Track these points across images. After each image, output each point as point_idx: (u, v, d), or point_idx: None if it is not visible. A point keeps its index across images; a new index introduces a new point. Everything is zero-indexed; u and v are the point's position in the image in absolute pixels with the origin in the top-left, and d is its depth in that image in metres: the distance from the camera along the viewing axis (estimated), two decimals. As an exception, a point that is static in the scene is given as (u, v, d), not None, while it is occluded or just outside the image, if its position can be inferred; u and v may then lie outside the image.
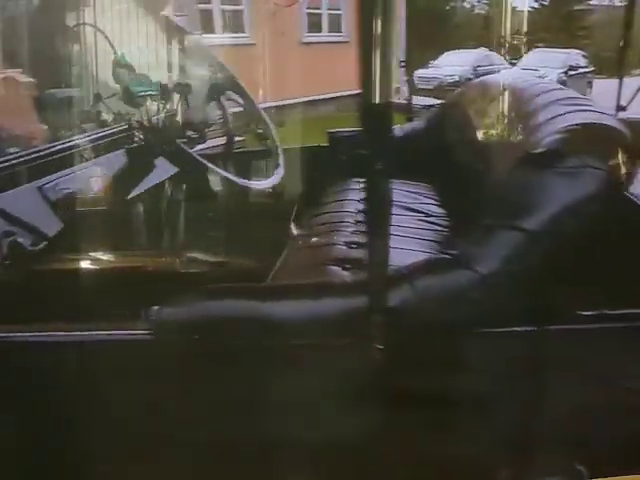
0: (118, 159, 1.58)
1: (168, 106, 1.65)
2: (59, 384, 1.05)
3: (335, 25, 9.60)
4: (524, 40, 11.92)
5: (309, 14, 9.23)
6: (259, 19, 7.51)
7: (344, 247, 1.56)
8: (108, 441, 1.07)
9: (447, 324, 1.02)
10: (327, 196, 2.03)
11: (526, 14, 13.03)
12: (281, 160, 1.83)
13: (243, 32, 7.85)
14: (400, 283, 1.01)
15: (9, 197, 1.28)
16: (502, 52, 10.99)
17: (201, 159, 1.52)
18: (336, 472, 1.08)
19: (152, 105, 1.63)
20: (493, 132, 1.67)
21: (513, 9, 11.70)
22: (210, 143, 1.78)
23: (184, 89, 1.65)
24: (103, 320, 1.07)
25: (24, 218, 1.27)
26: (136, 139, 1.61)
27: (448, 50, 11.62)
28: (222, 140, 1.84)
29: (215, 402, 1.06)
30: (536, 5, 15.66)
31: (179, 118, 1.57)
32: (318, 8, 9.45)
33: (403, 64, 3.94)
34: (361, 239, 1.54)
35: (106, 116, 1.65)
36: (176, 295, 1.06)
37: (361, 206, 1.80)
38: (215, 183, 1.68)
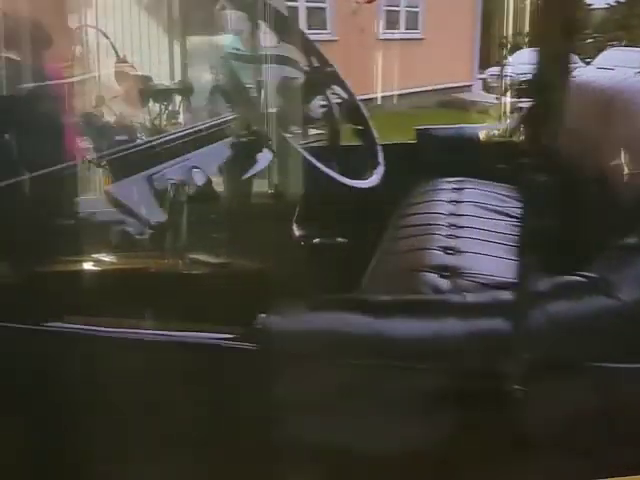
0: (222, 151, 1.56)
1: (275, 100, 1.62)
2: (162, 386, 0.95)
3: (412, 22, 9.55)
4: (598, 38, 11.54)
5: (387, 11, 9.21)
6: (340, 16, 7.58)
7: (440, 252, 1.44)
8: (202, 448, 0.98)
9: (584, 359, 0.89)
10: (414, 197, 1.91)
11: (601, 12, 12.59)
12: (380, 158, 1.77)
13: (325, 29, 7.94)
14: (531, 308, 0.85)
15: (123, 185, 1.27)
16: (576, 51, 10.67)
17: (307, 154, 1.48)
18: None
19: (257, 98, 1.61)
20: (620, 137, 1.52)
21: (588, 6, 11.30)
22: (313, 138, 1.75)
23: (291, 82, 1.62)
24: (204, 320, 0.99)
25: (135, 207, 1.25)
26: (243, 132, 1.59)
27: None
28: (326, 136, 1.80)
29: (315, 420, 0.96)
30: (611, 2, 15.02)
31: (290, 112, 1.53)
32: (396, 5, 9.42)
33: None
34: (458, 244, 1.45)
35: (213, 108, 1.64)
36: (286, 303, 0.96)
37: (454, 208, 1.71)
38: (316, 180, 1.64)
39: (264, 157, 1.54)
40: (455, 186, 1.90)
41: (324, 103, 1.71)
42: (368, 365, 0.89)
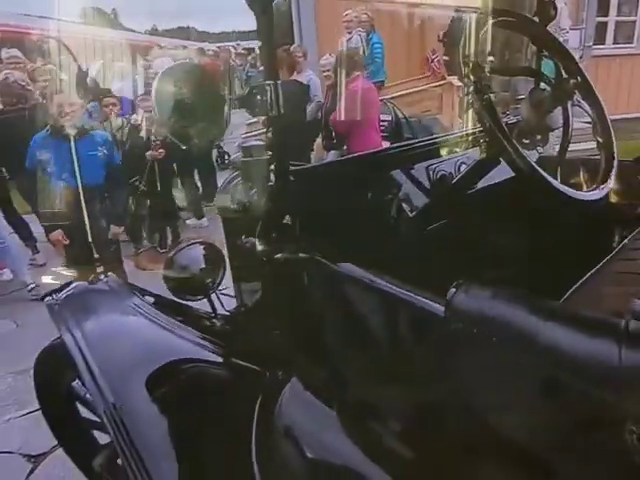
0: (472, 156, 1.61)
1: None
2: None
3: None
4: None
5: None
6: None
7: None
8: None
9: None
10: None
11: None
12: (613, 174, 1.59)
13: (631, 42, 7.12)
14: None
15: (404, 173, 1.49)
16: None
17: (536, 166, 1.42)
18: None
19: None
20: None
21: None
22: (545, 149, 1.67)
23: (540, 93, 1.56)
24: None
25: (410, 192, 1.45)
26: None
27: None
28: (559, 146, 1.69)
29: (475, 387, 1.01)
30: None
31: (522, 122, 1.48)
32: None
33: None
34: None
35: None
36: (477, 285, 1.00)
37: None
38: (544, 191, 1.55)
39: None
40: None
41: (563, 114, 1.61)
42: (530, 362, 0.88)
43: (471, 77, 1.16)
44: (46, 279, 4.15)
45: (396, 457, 1.22)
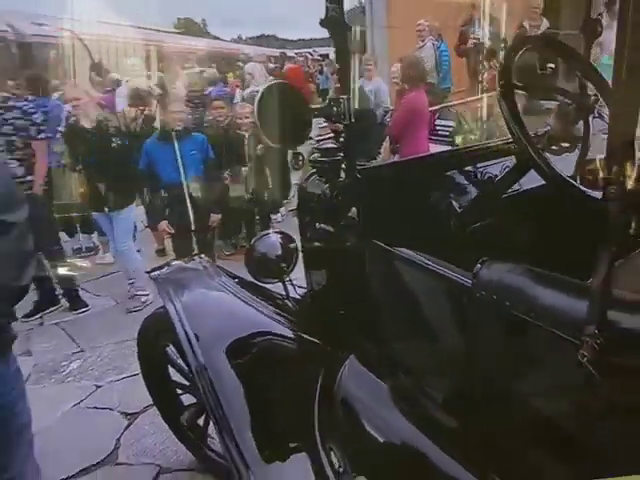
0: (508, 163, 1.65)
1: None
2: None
3: None
4: None
5: None
6: None
7: None
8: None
9: None
10: None
11: None
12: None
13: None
14: None
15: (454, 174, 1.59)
16: None
17: (564, 175, 1.45)
18: None
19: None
20: None
21: None
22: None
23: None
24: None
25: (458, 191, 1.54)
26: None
27: None
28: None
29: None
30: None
31: (551, 131, 1.52)
32: None
33: None
34: None
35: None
36: (505, 259, 1.09)
37: None
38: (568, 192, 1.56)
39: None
40: None
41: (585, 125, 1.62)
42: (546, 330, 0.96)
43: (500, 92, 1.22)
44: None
45: (444, 429, 1.31)
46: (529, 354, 1.06)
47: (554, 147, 1.36)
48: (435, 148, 3.87)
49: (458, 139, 3.87)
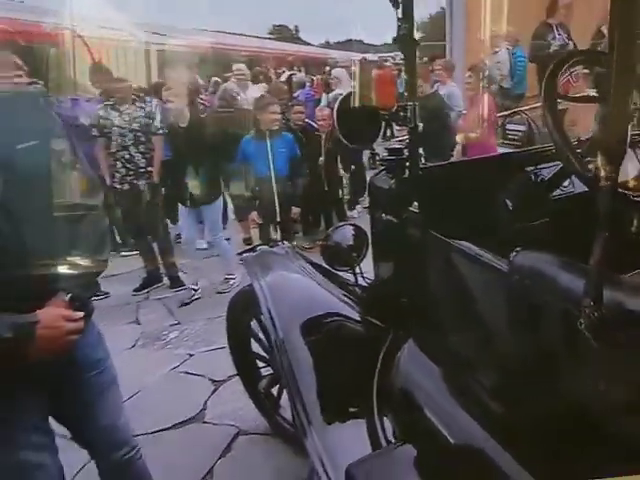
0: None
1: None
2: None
3: None
4: None
5: None
6: None
7: None
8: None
9: None
10: None
11: None
12: None
13: None
14: None
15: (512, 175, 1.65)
16: None
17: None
18: None
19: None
20: None
21: None
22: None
23: None
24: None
25: (513, 190, 1.60)
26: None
27: None
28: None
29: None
30: None
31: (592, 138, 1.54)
32: None
33: None
34: None
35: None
36: (532, 250, 1.15)
37: None
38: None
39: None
40: None
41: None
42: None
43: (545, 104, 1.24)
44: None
45: (497, 415, 1.34)
46: (556, 335, 1.10)
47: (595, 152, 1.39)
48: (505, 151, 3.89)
49: (528, 143, 3.84)
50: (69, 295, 1.41)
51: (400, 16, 1.45)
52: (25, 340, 1.29)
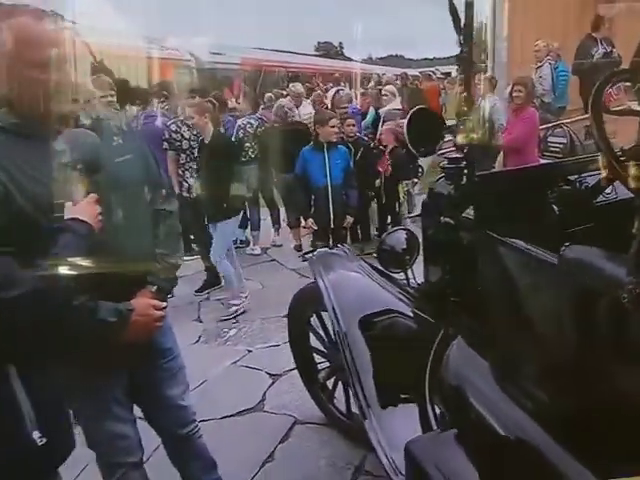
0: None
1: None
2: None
3: None
4: None
5: None
6: None
7: None
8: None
9: None
10: None
11: None
12: None
13: None
14: None
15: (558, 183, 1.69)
16: None
17: None
18: None
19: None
20: None
21: None
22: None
23: None
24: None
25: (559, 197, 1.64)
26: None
27: None
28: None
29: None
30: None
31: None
32: None
33: None
34: None
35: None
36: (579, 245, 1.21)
37: None
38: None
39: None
40: None
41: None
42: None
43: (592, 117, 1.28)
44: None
45: (543, 409, 1.35)
46: (604, 325, 1.15)
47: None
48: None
49: (569, 154, 3.85)
50: (155, 287, 1.58)
51: (462, 41, 1.55)
52: (124, 325, 1.45)
